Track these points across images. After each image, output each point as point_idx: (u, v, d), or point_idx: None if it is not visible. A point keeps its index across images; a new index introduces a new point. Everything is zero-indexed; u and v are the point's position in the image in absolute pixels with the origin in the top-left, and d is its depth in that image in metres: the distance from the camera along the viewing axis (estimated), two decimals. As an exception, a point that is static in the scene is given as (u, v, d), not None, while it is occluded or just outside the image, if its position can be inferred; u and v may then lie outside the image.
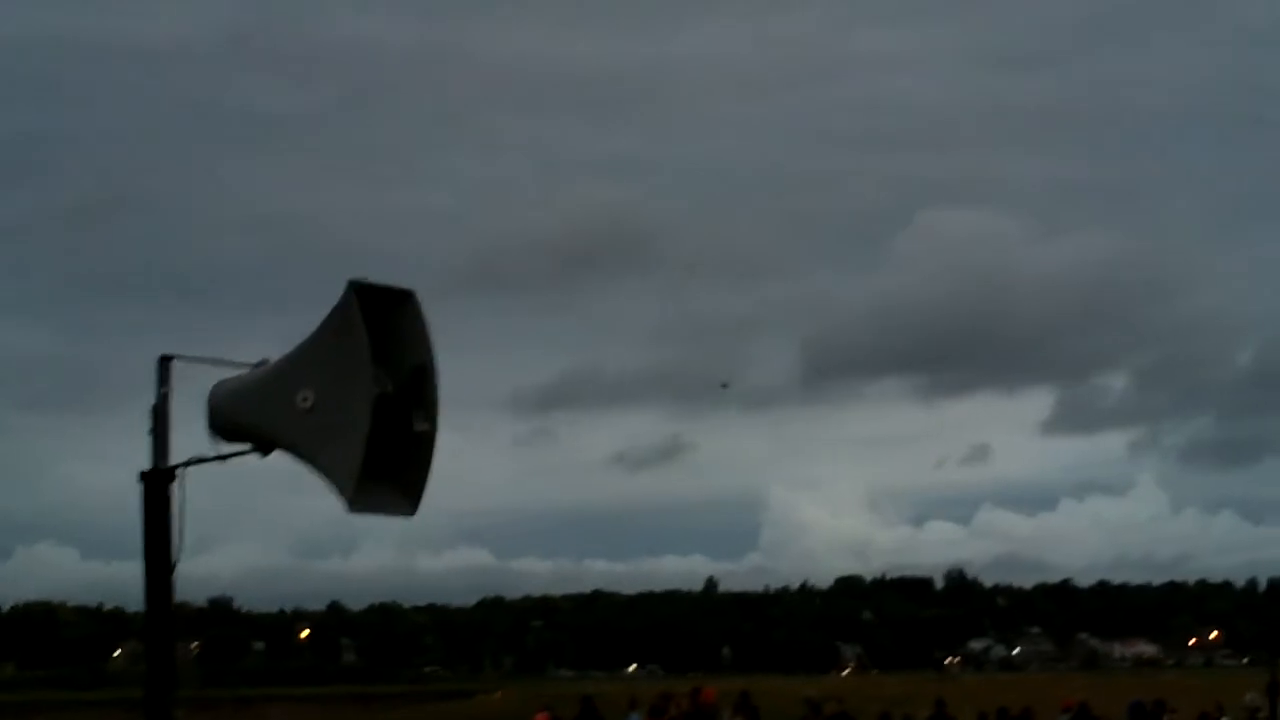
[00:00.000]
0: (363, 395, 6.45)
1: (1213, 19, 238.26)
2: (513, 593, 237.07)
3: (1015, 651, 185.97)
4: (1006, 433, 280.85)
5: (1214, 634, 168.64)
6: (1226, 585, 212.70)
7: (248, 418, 7.00)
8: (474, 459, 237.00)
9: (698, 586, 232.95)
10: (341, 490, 6.56)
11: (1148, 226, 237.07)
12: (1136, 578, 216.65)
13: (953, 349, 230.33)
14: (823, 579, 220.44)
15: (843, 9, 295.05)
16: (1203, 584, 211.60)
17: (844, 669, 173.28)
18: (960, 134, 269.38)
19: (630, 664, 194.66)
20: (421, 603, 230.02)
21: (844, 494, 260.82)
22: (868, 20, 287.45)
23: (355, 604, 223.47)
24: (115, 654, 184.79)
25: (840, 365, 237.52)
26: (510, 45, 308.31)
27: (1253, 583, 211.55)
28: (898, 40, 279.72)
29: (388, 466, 6.66)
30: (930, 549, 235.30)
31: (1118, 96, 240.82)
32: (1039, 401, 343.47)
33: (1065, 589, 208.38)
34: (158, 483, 7.01)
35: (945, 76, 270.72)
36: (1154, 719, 28.52)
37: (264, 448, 6.97)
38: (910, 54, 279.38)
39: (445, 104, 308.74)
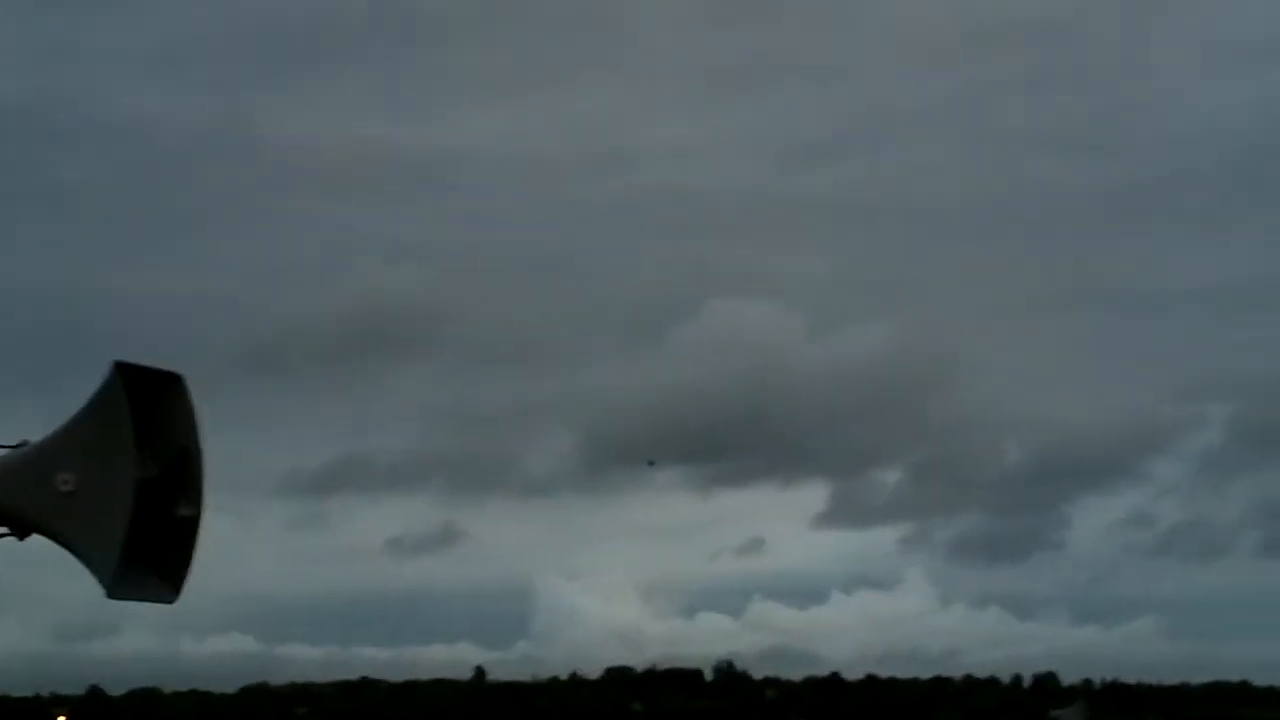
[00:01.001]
0: (124, 479, 6.33)
1: (990, 118, 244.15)
2: (278, 679, 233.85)
3: None
4: (781, 525, 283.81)
5: None
6: (992, 680, 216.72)
7: (5, 499, 6.76)
8: (243, 543, 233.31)
9: (466, 674, 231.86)
10: (100, 576, 6.42)
11: (927, 322, 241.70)
12: (904, 671, 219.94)
13: (732, 440, 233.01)
14: (593, 669, 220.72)
15: (634, 98, 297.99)
16: (969, 679, 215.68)
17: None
18: (746, 225, 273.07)
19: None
20: (184, 688, 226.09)
21: (617, 583, 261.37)
22: (657, 109, 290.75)
23: (115, 688, 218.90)
24: None
25: (619, 454, 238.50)
26: (299, 127, 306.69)
27: (1017, 679, 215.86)
28: (687, 130, 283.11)
29: (149, 551, 6.53)
30: (702, 640, 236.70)
31: (898, 189, 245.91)
32: (814, 494, 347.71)
33: (833, 681, 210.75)
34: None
35: (733, 167, 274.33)
36: None
37: (22, 530, 6.81)
38: (698, 144, 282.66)
39: (230, 185, 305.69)
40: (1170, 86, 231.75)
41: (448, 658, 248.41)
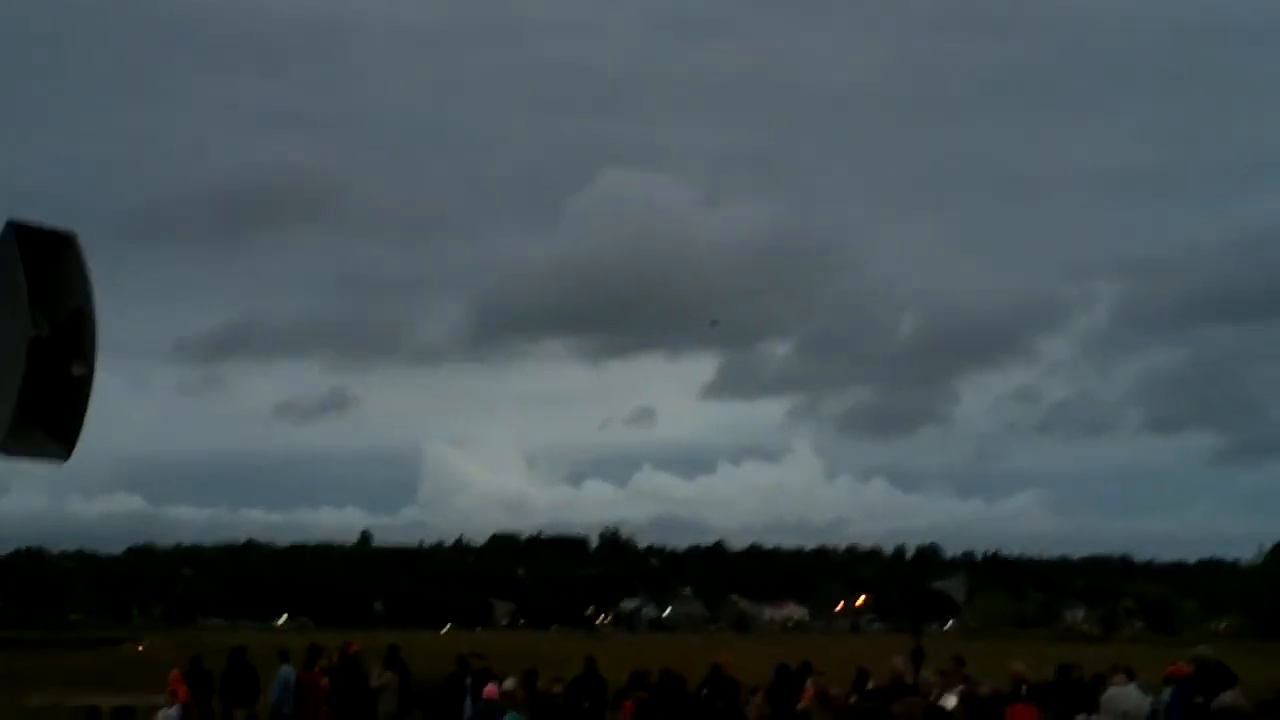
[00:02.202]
0: (18, 337, 6.37)
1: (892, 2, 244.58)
2: (165, 541, 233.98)
3: (667, 612, 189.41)
4: (670, 396, 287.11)
5: (860, 599, 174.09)
6: (875, 552, 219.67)
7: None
8: (134, 406, 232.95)
9: (352, 539, 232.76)
10: (-7, 432, 6.47)
11: (818, 200, 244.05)
12: (789, 542, 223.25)
13: (621, 311, 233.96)
14: (479, 535, 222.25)
15: None
16: (852, 550, 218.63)
17: (497, 625, 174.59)
18: (638, 99, 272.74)
19: (281, 615, 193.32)
20: (71, 548, 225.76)
21: (505, 452, 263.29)
22: None
23: (1, 549, 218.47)
24: None
25: (509, 324, 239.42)
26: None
27: (900, 550, 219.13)
28: (578, 4, 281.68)
29: (41, 410, 6.57)
30: (588, 509, 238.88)
31: (795, 69, 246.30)
32: (703, 366, 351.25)
33: (718, 551, 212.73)
34: None
35: (622, 41, 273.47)
36: (799, 682, 29.42)
37: (-87, 388, 6.83)
38: (587, 18, 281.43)
39: (119, 53, 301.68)
40: None
41: (335, 522, 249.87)
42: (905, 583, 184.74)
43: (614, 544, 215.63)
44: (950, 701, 24.23)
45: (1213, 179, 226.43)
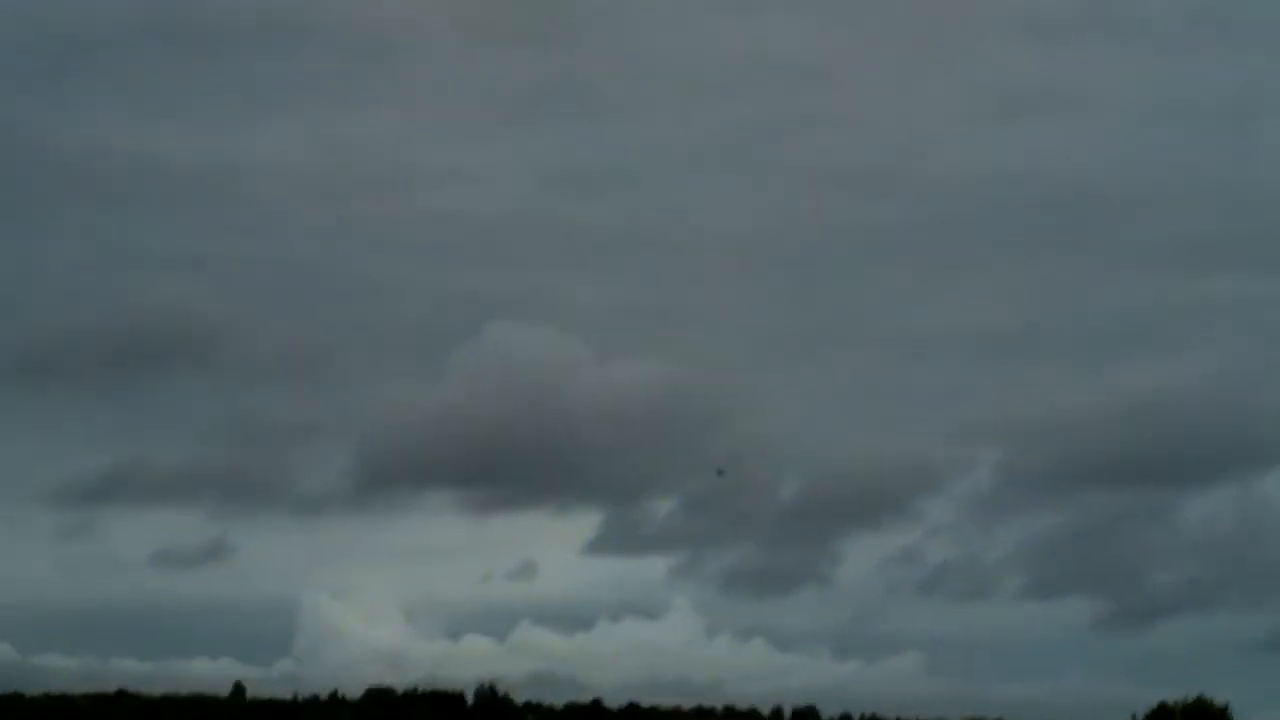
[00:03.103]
0: None
1: (770, 155, 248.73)
2: (32, 689, 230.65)
3: None
4: (552, 551, 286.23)
5: None
6: (753, 712, 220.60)
7: None
8: (7, 550, 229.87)
9: (225, 690, 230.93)
10: None
11: (704, 356, 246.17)
12: (667, 701, 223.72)
13: (506, 464, 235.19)
14: (354, 689, 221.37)
15: (416, 121, 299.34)
16: (730, 710, 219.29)
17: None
18: (527, 251, 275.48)
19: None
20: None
21: (383, 604, 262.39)
22: (437, 133, 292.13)
23: None
24: None
25: (393, 475, 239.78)
26: (80, 134, 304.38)
27: (778, 711, 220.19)
28: (469, 155, 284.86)
29: None
30: (466, 664, 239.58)
31: (678, 221, 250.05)
32: (587, 521, 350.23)
33: (596, 709, 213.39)
34: None
35: (514, 193, 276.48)
36: None
37: None
38: (478, 169, 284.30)
39: (8, 189, 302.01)
40: (941, 133, 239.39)
41: (208, 673, 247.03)
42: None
43: (491, 700, 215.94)
44: None
45: (1094, 343, 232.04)
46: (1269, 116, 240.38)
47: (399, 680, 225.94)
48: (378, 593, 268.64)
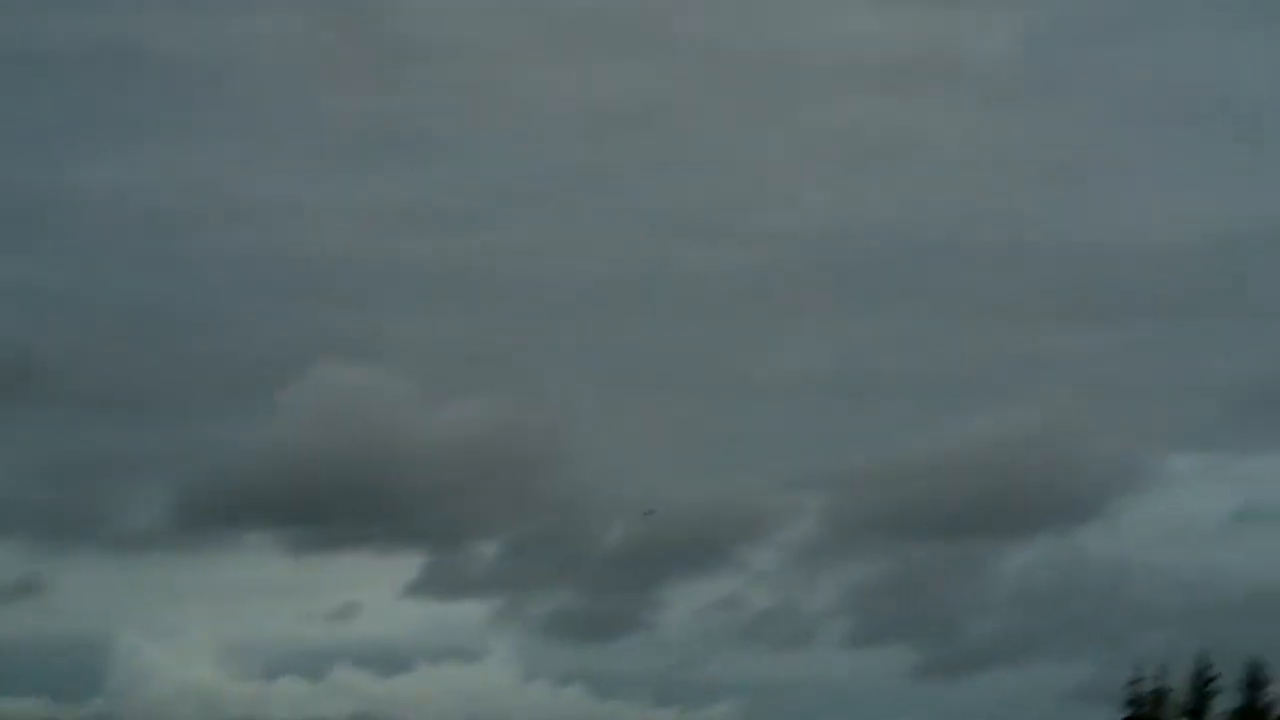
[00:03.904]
0: None
1: (608, 199, 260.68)
2: None
3: None
4: (373, 592, 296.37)
5: None
6: None
7: None
8: None
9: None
10: None
11: (532, 399, 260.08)
12: None
13: (330, 505, 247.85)
14: None
15: (245, 156, 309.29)
16: None
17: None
18: (359, 289, 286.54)
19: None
20: None
21: (199, 643, 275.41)
22: (270, 169, 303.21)
23: None
24: None
25: (214, 513, 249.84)
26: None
27: None
28: (297, 190, 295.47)
29: None
30: (282, 704, 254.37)
31: (513, 264, 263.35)
32: (408, 563, 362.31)
33: None
34: None
35: (345, 230, 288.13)
36: None
37: None
38: (308, 205, 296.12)
39: None
40: (780, 182, 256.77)
41: (17, 711, 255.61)
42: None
43: None
44: None
45: (923, 395, 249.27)
46: (1097, 175, 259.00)
47: (213, 718, 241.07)
48: (194, 632, 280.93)
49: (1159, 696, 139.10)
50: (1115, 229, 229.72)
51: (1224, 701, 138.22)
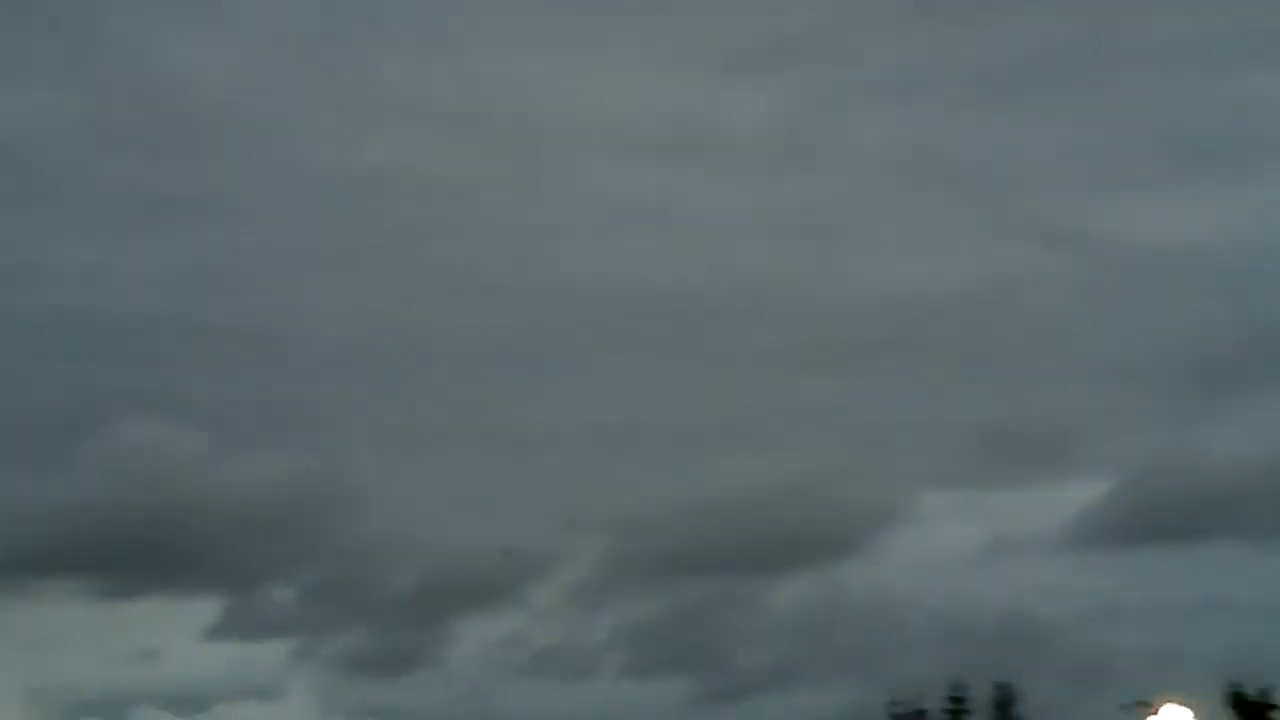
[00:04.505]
0: None
1: (384, 263, 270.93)
2: None
3: None
4: (173, 637, 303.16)
5: None
6: None
7: None
8: None
9: None
10: None
11: (325, 451, 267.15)
12: None
13: (130, 554, 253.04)
14: None
15: (44, 219, 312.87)
16: None
17: None
18: (155, 348, 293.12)
19: None
20: None
21: (3, 688, 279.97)
22: (67, 232, 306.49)
23: None
24: None
25: (14, 563, 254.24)
26: None
27: None
28: (95, 253, 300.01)
29: None
30: None
31: (296, 322, 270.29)
32: (207, 608, 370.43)
33: None
34: None
35: (142, 291, 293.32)
36: None
37: None
38: (105, 265, 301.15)
39: None
40: (546, 244, 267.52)
41: None
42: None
43: None
44: None
45: (692, 441, 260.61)
46: (847, 237, 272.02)
47: None
48: None
49: (917, 717, 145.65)
50: (861, 285, 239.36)
51: None
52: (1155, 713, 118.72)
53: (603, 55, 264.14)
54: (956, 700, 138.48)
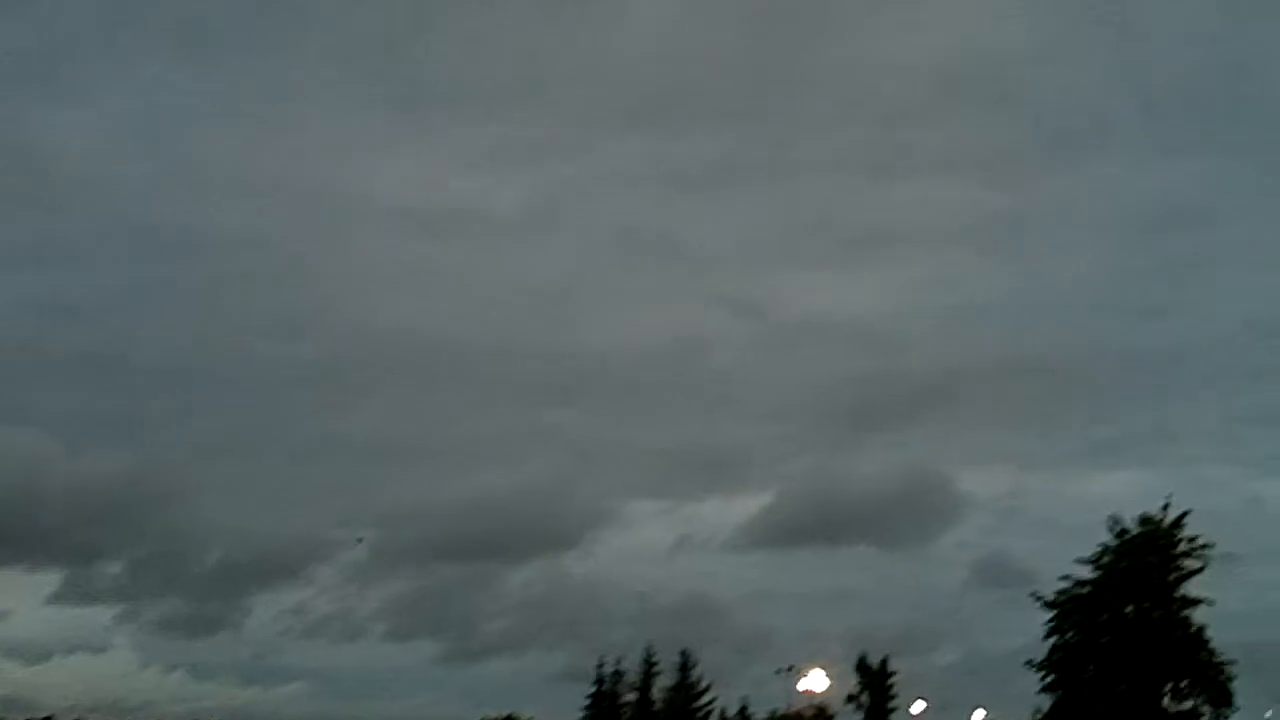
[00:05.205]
0: None
1: (214, 306, 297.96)
2: None
3: None
4: (23, 601, 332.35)
5: None
6: None
7: None
8: None
9: None
10: None
11: (155, 453, 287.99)
12: (108, 718, 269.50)
13: None
14: None
15: None
16: None
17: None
18: (12, 369, 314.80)
19: None
20: None
21: None
22: None
23: None
24: None
25: None
26: None
27: None
28: None
29: None
30: None
31: (135, 346, 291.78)
32: (51, 578, 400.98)
33: None
34: None
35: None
36: None
37: None
38: None
39: None
40: (345, 291, 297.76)
41: None
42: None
43: None
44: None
45: (450, 455, 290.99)
46: (579, 297, 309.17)
47: None
48: None
49: (618, 676, 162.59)
50: (588, 335, 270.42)
51: (663, 680, 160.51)
52: (804, 675, 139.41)
53: (391, 148, 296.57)
54: (649, 663, 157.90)
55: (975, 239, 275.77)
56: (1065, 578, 71.56)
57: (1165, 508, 70.50)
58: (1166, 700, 69.76)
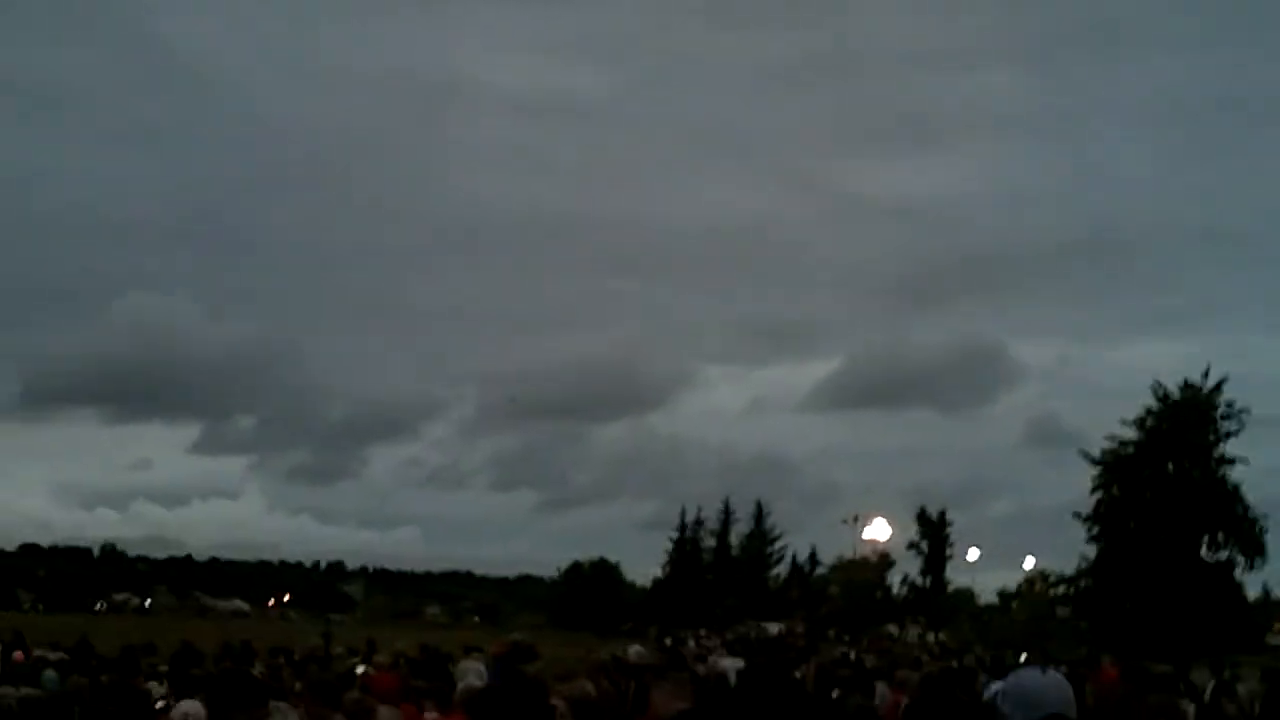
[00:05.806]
0: None
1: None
2: None
3: (148, 602, 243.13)
4: (164, 450, 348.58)
5: (286, 596, 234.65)
6: (299, 564, 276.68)
7: None
8: None
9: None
10: None
11: (281, 325, 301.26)
12: (239, 557, 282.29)
13: (139, 391, 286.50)
14: (9, 544, 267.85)
15: None
16: (284, 563, 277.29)
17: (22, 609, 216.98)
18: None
19: None
20: None
21: (35, 486, 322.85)
22: None
23: None
24: None
25: (45, 396, 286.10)
26: None
27: (317, 563, 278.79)
28: None
29: None
30: (96, 529, 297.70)
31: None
32: (190, 431, 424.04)
33: (187, 560, 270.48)
34: None
35: None
36: (245, 655, 35.66)
37: None
38: None
39: None
40: (445, 176, 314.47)
41: None
42: (318, 586, 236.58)
43: (112, 554, 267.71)
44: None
45: (543, 323, 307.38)
46: (658, 175, 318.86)
47: (44, 538, 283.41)
48: (35, 477, 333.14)
49: (699, 524, 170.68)
50: (673, 212, 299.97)
51: (740, 528, 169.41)
52: (868, 525, 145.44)
53: (495, 40, 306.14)
54: (727, 513, 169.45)
55: (1031, 124, 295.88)
56: (1111, 438, 73.62)
57: (1205, 375, 72.43)
58: (1204, 551, 72.40)
